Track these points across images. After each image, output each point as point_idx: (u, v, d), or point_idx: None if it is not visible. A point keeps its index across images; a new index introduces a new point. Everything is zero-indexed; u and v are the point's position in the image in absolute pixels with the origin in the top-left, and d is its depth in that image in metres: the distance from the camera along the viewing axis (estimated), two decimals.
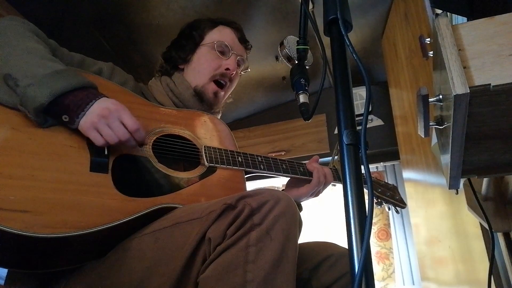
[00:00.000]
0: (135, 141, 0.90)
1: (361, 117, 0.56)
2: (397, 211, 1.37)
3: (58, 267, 0.80)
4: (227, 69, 1.20)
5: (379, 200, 1.32)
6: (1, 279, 0.93)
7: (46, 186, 0.75)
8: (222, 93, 1.23)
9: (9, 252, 0.74)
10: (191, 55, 1.22)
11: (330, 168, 1.27)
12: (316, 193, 1.19)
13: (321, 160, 1.29)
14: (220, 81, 1.21)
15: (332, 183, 1.25)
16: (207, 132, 1.13)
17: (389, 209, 1.35)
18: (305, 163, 1.21)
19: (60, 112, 0.82)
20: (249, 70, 1.33)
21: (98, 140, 0.84)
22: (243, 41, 1.29)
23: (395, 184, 1.44)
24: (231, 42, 1.24)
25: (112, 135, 0.85)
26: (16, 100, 0.80)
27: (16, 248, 0.73)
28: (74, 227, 0.74)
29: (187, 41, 1.24)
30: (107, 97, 0.88)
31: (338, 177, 1.26)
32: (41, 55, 0.87)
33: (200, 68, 1.20)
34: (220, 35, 1.24)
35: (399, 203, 1.35)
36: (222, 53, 1.21)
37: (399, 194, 1.38)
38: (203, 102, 1.19)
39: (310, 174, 1.18)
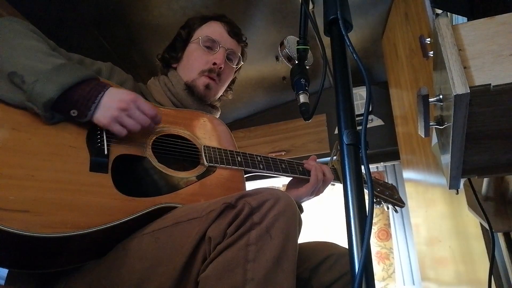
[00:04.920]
0: (154, 125, 0.96)
1: (361, 117, 0.56)
2: (395, 210, 1.37)
3: (58, 267, 0.80)
4: (214, 63, 1.19)
5: (378, 199, 1.32)
6: (1, 279, 0.93)
7: (46, 186, 0.75)
8: (214, 84, 1.21)
9: (9, 252, 0.74)
10: (181, 53, 1.24)
11: (329, 168, 1.27)
12: (316, 192, 1.19)
13: (321, 160, 1.29)
14: (209, 76, 1.20)
15: (331, 183, 1.25)
16: (206, 132, 1.13)
17: (388, 208, 1.35)
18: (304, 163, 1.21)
19: (68, 107, 0.83)
20: (243, 63, 1.31)
21: (121, 132, 0.88)
22: (234, 34, 1.26)
23: (394, 184, 1.44)
24: (219, 36, 1.23)
25: (134, 124, 0.89)
26: (21, 98, 0.80)
27: (16, 248, 0.72)
28: (74, 227, 0.74)
29: (177, 39, 1.26)
30: (111, 86, 0.90)
31: (337, 177, 1.26)
32: (42, 51, 0.88)
33: (189, 65, 1.21)
34: (208, 30, 1.24)
35: (398, 202, 1.35)
36: (209, 47, 1.21)
37: (398, 193, 1.38)
38: (194, 96, 1.19)
39: (309, 173, 1.18)
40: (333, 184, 1.26)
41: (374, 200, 1.32)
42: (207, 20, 1.27)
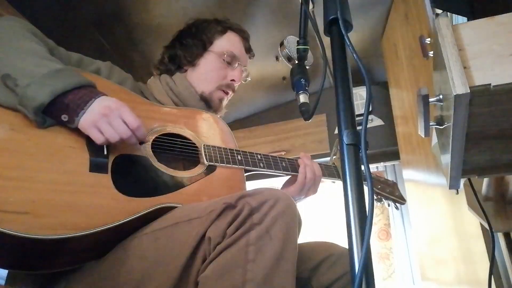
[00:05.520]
0: (136, 139, 0.90)
1: (361, 117, 0.56)
2: (396, 208, 1.37)
3: (58, 268, 0.80)
4: (232, 80, 1.22)
5: (379, 196, 1.32)
6: (2, 279, 0.93)
7: (45, 187, 0.75)
8: (226, 99, 1.25)
9: (9, 254, 0.74)
10: (198, 59, 1.22)
11: (329, 165, 1.27)
12: (306, 192, 1.16)
13: (321, 160, 1.29)
14: (224, 91, 1.23)
15: (332, 180, 1.24)
16: (207, 130, 1.13)
17: (388, 205, 1.35)
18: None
19: (59, 111, 0.82)
20: (249, 79, 1.33)
21: (98, 138, 0.84)
22: (249, 50, 1.31)
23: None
24: (239, 52, 1.25)
25: (113, 133, 0.85)
26: (15, 100, 0.79)
27: (16, 249, 0.72)
28: (74, 228, 0.74)
29: (195, 42, 1.23)
30: (106, 95, 0.88)
31: (338, 174, 1.26)
32: (39, 54, 0.87)
33: (207, 76, 1.21)
34: (230, 44, 1.24)
35: (399, 200, 1.35)
36: (229, 63, 1.22)
37: (399, 191, 1.38)
38: (210, 108, 1.22)
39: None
40: (334, 182, 1.26)
41: (375, 197, 1.32)
42: (227, 29, 1.26)
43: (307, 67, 0.97)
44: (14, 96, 0.79)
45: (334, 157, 1.34)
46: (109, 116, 0.84)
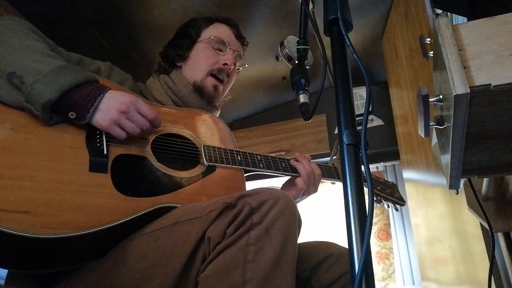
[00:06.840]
0: (153, 128, 0.96)
1: (361, 117, 0.56)
2: (396, 209, 1.36)
3: (58, 267, 0.80)
4: (225, 64, 1.21)
5: (379, 197, 1.31)
6: (1, 279, 0.93)
7: (45, 186, 0.75)
8: (222, 87, 1.23)
9: (9, 253, 0.74)
10: (188, 52, 1.23)
11: (329, 166, 1.27)
12: (307, 191, 1.16)
13: (321, 160, 1.29)
14: (218, 76, 1.22)
15: (331, 182, 1.24)
16: (206, 131, 1.13)
17: (388, 206, 1.35)
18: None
19: (67, 108, 0.82)
20: (247, 65, 1.33)
21: (121, 134, 0.87)
22: (239, 37, 1.30)
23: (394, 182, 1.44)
24: (228, 38, 1.25)
25: (134, 127, 0.89)
26: (19, 98, 0.80)
27: (16, 249, 0.72)
28: (74, 228, 0.74)
29: (183, 39, 1.25)
30: (110, 89, 0.89)
31: (338, 176, 1.26)
32: (42, 52, 0.87)
33: (198, 64, 1.21)
34: (217, 31, 1.25)
35: (398, 201, 1.35)
36: (219, 48, 1.22)
37: (398, 192, 1.38)
38: (203, 96, 1.20)
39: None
40: (333, 183, 1.26)
41: (374, 199, 1.31)
42: (213, 21, 1.27)
43: (307, 67, 0.97)
44: (19, 94, 0.80)
45: (334, 157, 1.34)
46: (128, 112, 0.87)
